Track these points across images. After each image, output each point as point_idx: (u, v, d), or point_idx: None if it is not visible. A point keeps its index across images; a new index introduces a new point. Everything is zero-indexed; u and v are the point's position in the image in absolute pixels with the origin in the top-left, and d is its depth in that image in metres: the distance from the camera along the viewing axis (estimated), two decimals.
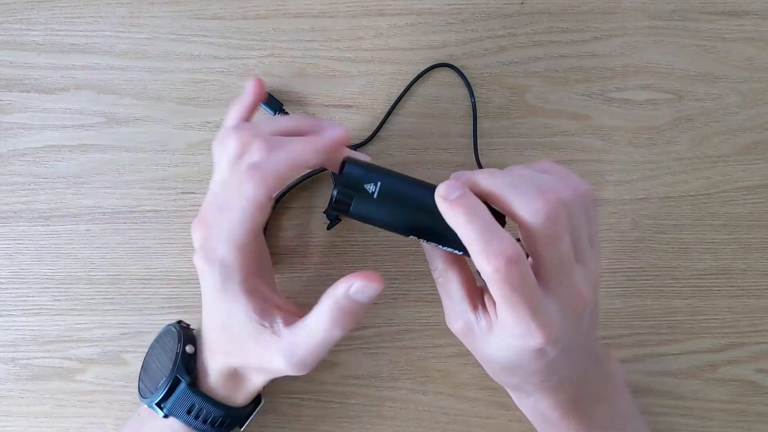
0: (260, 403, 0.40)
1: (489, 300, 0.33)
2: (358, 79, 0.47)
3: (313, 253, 0.46)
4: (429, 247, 0.34)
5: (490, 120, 0.47)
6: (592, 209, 0.32)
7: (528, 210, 0.29)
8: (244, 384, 0.37)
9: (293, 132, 0.35)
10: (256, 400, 0.40)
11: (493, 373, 0.36)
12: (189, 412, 0.36)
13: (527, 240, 0.30)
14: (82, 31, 0.47)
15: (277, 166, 0.32)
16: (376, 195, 0.32)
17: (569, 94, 0.47)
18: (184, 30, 0.47)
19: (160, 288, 0.45)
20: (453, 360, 0.45)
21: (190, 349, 0.38)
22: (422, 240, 0.33)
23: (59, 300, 0.45)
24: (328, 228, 0.46)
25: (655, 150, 0.46)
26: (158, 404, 0.37)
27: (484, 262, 0.28)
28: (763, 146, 0.47)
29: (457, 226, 0.29)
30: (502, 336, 0.31)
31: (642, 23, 0.47)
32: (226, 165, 0.34)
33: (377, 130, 0.46)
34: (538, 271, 0.30)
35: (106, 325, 0.45)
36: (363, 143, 0.46)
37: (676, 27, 0.47)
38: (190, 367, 0.37)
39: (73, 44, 0.47)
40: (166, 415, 0.37)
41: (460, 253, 0.32)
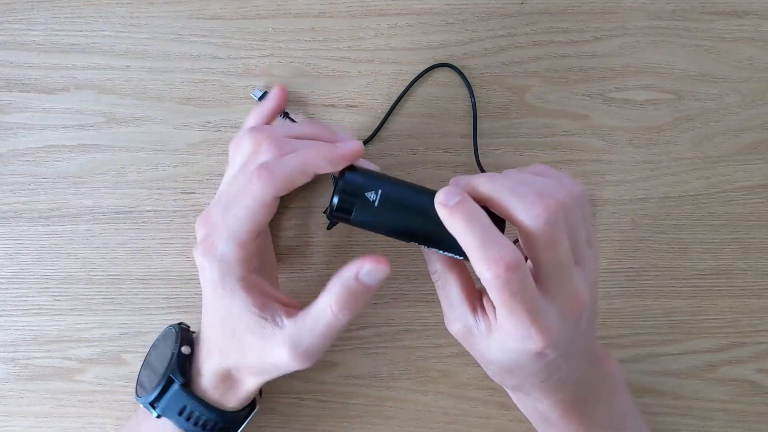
0: (255, 408, 0.40)
1: (488, 303, 0.33)
2: (358, 79, 0.47)
3: (313, 253, 0.46)
4: (428, 251, 0.34)
5: (490, 120, 0.47)
6: (588, 209, 0.32)
7: (528, 215, 0.29)
8: (237, 387, 0.37)
9: (310, 139, 0.35)
10: (251, 406, 0.39)
11: (492, 373, 0.36)
12: (181, 414, 0.36)
13: (527, 243, 0.30)
14: (82, 31, 0.47)
15: (287, 168, 0.32)
16: (377, 203, 0.32)
17: (569, 94, 0.47)
18: (184, 30, 0.47)
19: (160, 288, 0.45)
20: (453, 360, 0.45)
21: (186, 350, 0.37)
22: (422, 245, 0.33)
23: (59, 300, 0.45)
24: (328, 228, 0.46)
25: (655, 150, 0.46)
26: (152, 404, 0.37)
27: (484, 269, 0.28)
28: (763, 146, 0.47)
29: (457, 232, 0.30)
30: (501, 339, 0.32)
31: (642, 23, 0.47)
32: (238, 164, 0.34)
33: (377, 130, 0.46)
34: (538, 274, 0.30)
35: (106, 325, 0.45)
36: (363, 143, 0.46)
37: (676, 27, 0.47)
38: (185, 369, 0.37)
39: (73, 44, 0.47)
40: (159, 416, 0.37)
41: (461, 258, 0.32)
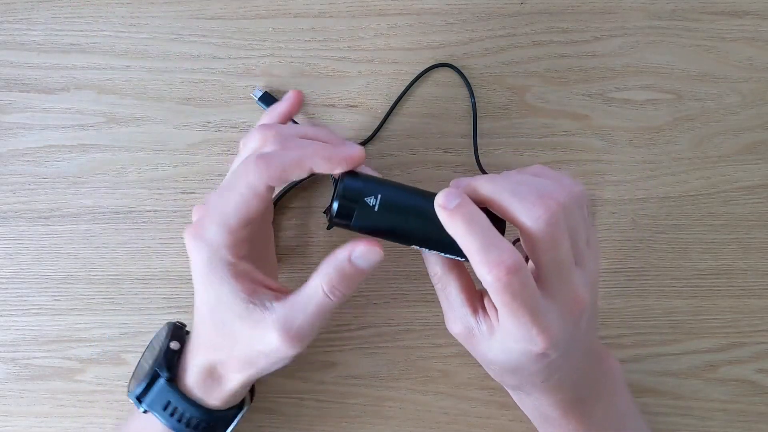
0: (243, 408, 0.39)
1: (489, 304, 0.33)
2: (358, 79, 0.47)
3: (313, 253, 0.46)
4: (428, 254, 0.34)
5: (490, 120, 0.47)
6: (588, 210, 0.32)
7: (529, 216, 0.29)
8: (221, 384, 0.36)
9: (316, 140, 0.35)
10: (240, 407, 0.39)
11: (493, 373, 0.36)
12: (165, 409, 0.36)
13: (528, 244, 0.30)
14: (82, 31, 0.47)
15: (284, 160, 0.32)
16: (377, 208, 0.31)
17: (569, 94, 0.47)
18: (184, 30, 0.47)
19: (160, 288, 0.45)
20: (453, 360, 0.45)
21: (174, 345, 0.37)
22: (423, 248, 0.33)
23: (59, 300, 0.45)
24: (328, 228, 0.45)
25: (655, 150, 0.46)
26: (138, 398, 0.37)
27: (485, 272, 0.28)
28: (763, 146, 0.47)
29: (457, 235, 0.30)
30: (503, 340, 0.32)
31: (642, 23, 0.47)
32: (244, 157, 0.34)
33: (377, 130, 0.46)
34: (538, 275, 0.30)
35: (106, 325, 0.45)
36: (363, 143, 0.46)
37: (676, 27, 0.47)
38: (172, 364, 0.37)
39: (73, 44, 0.47)
40: (146, 411, 0.37)
41: (461, 259, 0.32)
